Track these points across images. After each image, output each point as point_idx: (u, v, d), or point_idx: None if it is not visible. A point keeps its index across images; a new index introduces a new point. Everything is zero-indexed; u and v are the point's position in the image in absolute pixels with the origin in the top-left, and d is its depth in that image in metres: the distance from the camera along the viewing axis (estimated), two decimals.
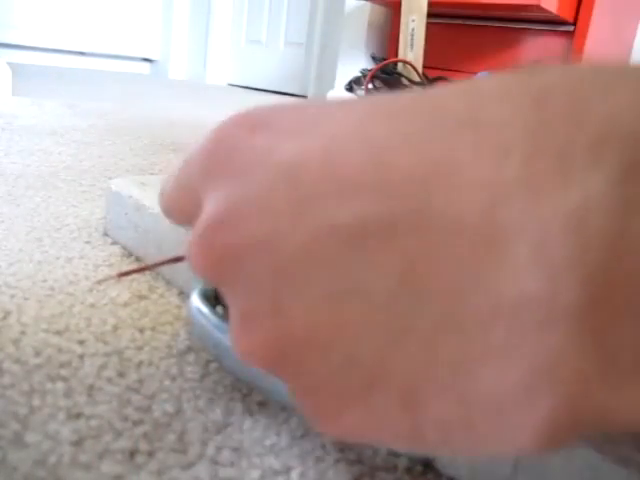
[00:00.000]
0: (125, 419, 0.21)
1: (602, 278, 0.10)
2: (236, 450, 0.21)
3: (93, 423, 0.21)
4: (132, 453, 0.20)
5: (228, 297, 0.15)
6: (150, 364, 0.25)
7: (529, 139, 0.11)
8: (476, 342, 0.11)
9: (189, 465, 0.20)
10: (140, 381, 0.24)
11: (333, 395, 0.13)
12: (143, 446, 0.20)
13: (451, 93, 0.13)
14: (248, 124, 0.15)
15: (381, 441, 0.14)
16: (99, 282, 0.33)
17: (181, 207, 0.18)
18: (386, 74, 0.66)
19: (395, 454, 0.21)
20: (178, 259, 0.25)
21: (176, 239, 0.34)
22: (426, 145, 0.12)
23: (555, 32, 1.53)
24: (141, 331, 0.28)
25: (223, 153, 0.15)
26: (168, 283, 0.35)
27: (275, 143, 0.14)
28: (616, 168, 0.10)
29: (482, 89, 0.12)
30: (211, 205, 0.15)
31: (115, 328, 0.28)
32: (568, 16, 1.46)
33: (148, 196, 0.37)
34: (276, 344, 0.13)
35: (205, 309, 0.23)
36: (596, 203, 0.10)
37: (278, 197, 0.13)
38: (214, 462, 0.20)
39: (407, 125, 0.12)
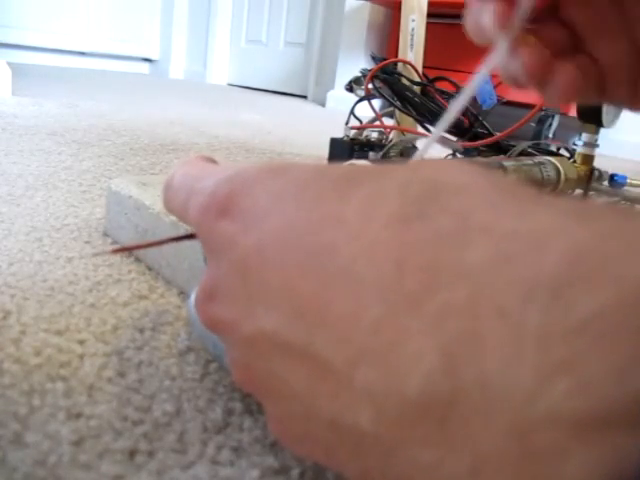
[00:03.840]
0: (125, 419, 0.21)
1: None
2: (236, 450, 0.21)
3: (93, 423, 0.21)
4: (132, 453, 0.20)
5: (223, 342, 0.19)
6: (150, 364, 0.25)
7: (381, 308, 0.13)
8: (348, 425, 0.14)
9: (189, 465, 0.20)
10: (140, 381, 0.24)
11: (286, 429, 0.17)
12: (143, 446, 0.20)
13: (346, 241, 0.14)
14: (214, 210, 0.18)
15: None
16: (93, 255, 0.33)
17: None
18: (386, 74, 0.66)
19: None
20: (190, 236, 0.24)
21: None
22: (316, 283, 0.15)
23: None
24: (141, 331, 0.28)
25: (202, 235, 0.19)
26: (168, 283, 0.35)
27: (235, 233, 0.17)
28: (439, 365, 0.12)
29: (369, 239, 0.14)
30: (204, 278, 0.19)
31: (115, 328, 0.28)
32: None
33: (148, 196, 0.37)
34: (248, 385, 0.18)
35: None
36: (429, 391, 0.12)
37: (237, 289, 0.17)
38: (214, 462, 0.20)
39: (309, 260, 0.15)
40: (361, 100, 0.68)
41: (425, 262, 0.13)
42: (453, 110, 0.22)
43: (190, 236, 0.24)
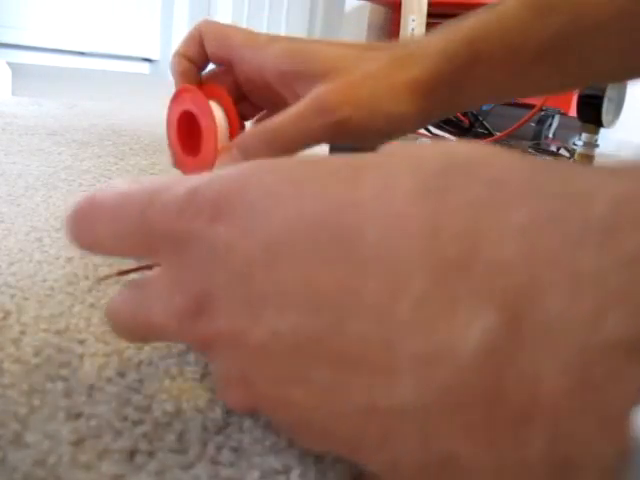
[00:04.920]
0: (125, 419, 0.21)
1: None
2: (236, 450, 0.21)
3: (93, 423, 0.21)
4: (132, 453, 0.20)
5: (211, 362, 0.18)
6: (150, 364, 0.25)
7: (424, 280, 0.13)
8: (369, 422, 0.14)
9: (189, 465, 0.20)
10: (140, 381, 0.24)
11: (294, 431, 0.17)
12: (143, 446, 0.20)
13: (369, 223, 0.14)
14: (207, 212, 0.16)
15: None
16: (99, 280, 0.33)
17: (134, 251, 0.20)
18: None
19: None
20: None
21: None
22: (341, 271, 0.14)
23: None
24: None
25: (177, 247, 0.17)
26: None
27: (231, 239, 0.16)
28: (497, 319, 0.12)
29: (395, 216, 0.14)
30: (186, 291, 0.17)
31: None
32: None
33: None
34: (247, 403, 0.17)
35: None
36: (473, 351, 0.12)
37: (237, 298, 0.16)
38: (214, 462, 0.20)
39: (328, 249, 0.14)
40: None
41: (463, 227, 0.13)
42: None
43: None
